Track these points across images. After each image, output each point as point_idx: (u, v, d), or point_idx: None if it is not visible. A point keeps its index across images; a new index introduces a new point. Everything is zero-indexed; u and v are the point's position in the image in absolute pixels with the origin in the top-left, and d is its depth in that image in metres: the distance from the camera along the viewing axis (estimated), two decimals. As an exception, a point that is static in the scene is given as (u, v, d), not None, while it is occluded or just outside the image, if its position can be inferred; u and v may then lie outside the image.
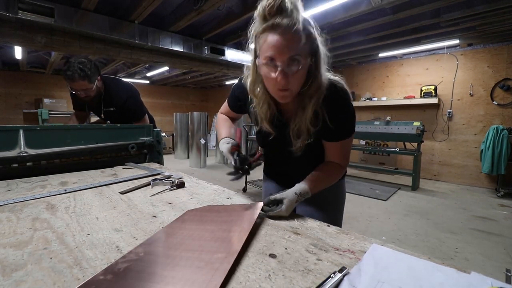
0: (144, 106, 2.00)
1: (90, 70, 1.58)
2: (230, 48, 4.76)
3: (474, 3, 3.04)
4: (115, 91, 1.80)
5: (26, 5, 2.79)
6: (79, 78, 1.55)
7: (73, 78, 1.54)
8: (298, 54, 0.68)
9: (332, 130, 0.81)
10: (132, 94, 1.87)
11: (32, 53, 5.54)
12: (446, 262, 0.51)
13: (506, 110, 4.41)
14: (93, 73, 1.60)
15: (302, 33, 0.68)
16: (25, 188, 1.03)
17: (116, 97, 1.80)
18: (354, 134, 0.88)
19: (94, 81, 1.63)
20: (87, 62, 1.59)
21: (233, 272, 0.49)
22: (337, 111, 0.80)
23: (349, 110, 0.82)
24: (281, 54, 0.67)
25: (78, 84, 1.58)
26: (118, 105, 1.81)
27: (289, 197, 0.77)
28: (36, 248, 0.57)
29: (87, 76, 1.57)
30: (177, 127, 7.48)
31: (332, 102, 0.78)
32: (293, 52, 0.67)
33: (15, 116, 6.84)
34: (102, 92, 1.77)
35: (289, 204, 0.76)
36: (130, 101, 1.84)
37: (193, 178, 1.24)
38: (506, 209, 3.52)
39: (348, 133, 0.85)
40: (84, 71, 1.55)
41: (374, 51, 5.05)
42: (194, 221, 0.72)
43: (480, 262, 2.18)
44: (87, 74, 1.57)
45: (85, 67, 1.56)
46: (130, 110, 1.85)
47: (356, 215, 3.19)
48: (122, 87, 1.86)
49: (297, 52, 0.68)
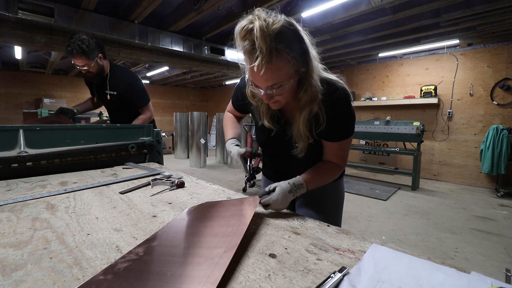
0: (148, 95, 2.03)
1: (89, 47, 1.64)
2: (230, 48, 4.76)
3: (474, 3, 3.04)
4: (120, 74, 1.86)
5: (26, 5, 2.79)
6: (77, 53, 1.62)
7: (72, 53, 1.63)
8: (277, 82, 0.69)
9: (331, 130, 0.81)
10: (136, 79, 1.93)
11: (32, 53, 5.54)
12: (446, 262, 0.51)
13: (506, 110, 4.41)
14: (92, 50, 1.66)
15: (280, 61, 0.65)
16: (25, 188, 1.03)
17: (120, 79, 1.85)
18: (353, 135, 0.88)
19: (93, 57, 1.69)
20: (87, 38, 1.65)
21: (233, 271, 0.49)
22: (337, 111, 0.80)
23: (349, 111, 0.82)
24: (260, 83, 0.70)
25: (77, 60, 1.66)
26: (122, 88, 1.85)
27: (281, 185, 0.78)
28: (36, 248, 0.57)
29: (85, 52, 1.64)
30: (177, 127, 7.48)
31: (332, 102, 0.78)
32: (271, 82, 0.69)
33: (15, 116, 6.84)
34: (107, 73, 1.83)
35: (280, 192, 0.76)
36: (134, 85, 1.89)
37: (193, 178, 1.24)
38: (506, 209, 3.52)
39: (347, 133, 0.85)
40: (82, 48, 1.62)
41: (374, 51, 5.05)
42: (193, 218, 0.72)
43: (480, 262, 2.18)
44: (85, 51, 1.63)
45: (84, 44, 1.62)
46: (134, 93, 1.89)
47: (356, 215, 3.19)
48: (126, 72, 1.93)
49: (276, 81, 0.69)
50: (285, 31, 0.65)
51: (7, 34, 3.25)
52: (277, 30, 0.63)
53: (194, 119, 6.44)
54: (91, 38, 1.67)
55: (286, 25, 0.65)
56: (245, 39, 0.65)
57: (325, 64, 0.81)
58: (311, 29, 3.58)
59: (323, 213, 0.99)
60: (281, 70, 0.67)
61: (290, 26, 0.67)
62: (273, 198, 0.75)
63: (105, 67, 1.81)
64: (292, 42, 0.67)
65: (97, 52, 1.72)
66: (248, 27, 0.64)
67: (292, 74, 0.70)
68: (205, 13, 3.26)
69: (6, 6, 2.77)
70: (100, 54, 1.74)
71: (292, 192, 0.78)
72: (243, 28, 0.64)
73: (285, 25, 0.65)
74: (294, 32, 0.68)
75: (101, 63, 1.77)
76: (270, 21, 0.63)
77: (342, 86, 0.80)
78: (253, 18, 0.64)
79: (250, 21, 0.64)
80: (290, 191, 0.77)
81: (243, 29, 0.64)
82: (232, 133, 1.04)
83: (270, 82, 0.69)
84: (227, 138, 1.03)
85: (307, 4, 3.15)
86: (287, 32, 0.66)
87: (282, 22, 0.64)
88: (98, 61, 1.73)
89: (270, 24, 0.63)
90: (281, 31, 0.64)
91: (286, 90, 0.72)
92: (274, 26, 0.63)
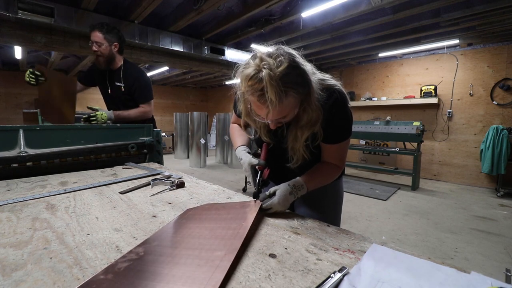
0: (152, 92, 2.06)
1: (108, 29, 1.81)
2: (230, 48, 4.76)
3: (474, 3, 3.04)
4: (131, 69, 1.94)
5: (26, 4, 2.79)
6: (96, 28, 1.78)
7: (93, 27, 1.79)
8: (284, 116, 0.72)
9: (329, 134, 0.82)
10: (144, 75, 1.99)
11: (32, 53, 5.53)
12: (446, 262, 0.51)
13: (506, 110, 4.41)
14: (110, 32, 1.81)
15: (287, 100, 0.67)
16: (25, 188, 1.03)
17: (129, 74, 1.91)
18: (351, 137, 0.88)
19: (109, 40, 1.81)
20: (113, 27, 1.84)
21: (233, 271, 0.49)
22: (334, 115, 0.80)
23: (346, 113, 0.82)
24: (267, 118, 0.72)
25: (94, 34, 1.78)
26: (130, 81, 1.90)
27: (281, 188, 0.78)
28: (36, 248, 0.57)
29: (104, 31, 1.79)
30: (177, 127, 7.48)
31: (329, 106, 0.78)
32: (278, 116, 0.72)
33: (15, 116, 6.83)
34: (121, 66, 1.91)
35: (281, 194, 0.76)
36: (141, 80, 1.93)
37: (193, 178, 1.24)
38: (506, 209, 3.52)
39: (345, 135, 0.85)
40: (103, 26, 1.80)
41: (374, 51, 5.05)
42: (193, 220, 0.72)
43: (480, 262, 2.18)
44: (104, 30, 1.79)
45: (108, 26, 1.82)
46: (139, 87, 1.92)
47: (356, 215, 3.19)
48: (137, 68, 2.01)
49: (283, 115, 0.72)
50: (289, 72, 0.66)
51: (7, 34, 3.25)
52: (283, 73, 0.65)
53: (194, 119, 6.44)
54: (115, 28, 1.85)
55: (290, 63, 0.66)
56: (252, 86, 0.67)
57: (325, 64, 0.81)
58: (311, 29, 3.56)
59: (322, 213, 0.99)
60: (288, 107, 0.70)
61: (293, 63, 0.67)
62: (274, 202, 0.76)
63: (117, 60, 1.89)
64: (296, 79, 0.68)
65: (115, 40, 1.83)
66: (256, 76, 0.65)
67: (297, 105, 0.73)
68: (205, 13, 3.26)
69: (6, 6, 2.76)
70: (116, 43, 1.84)
71: (293, 194, 0.78)
72: (251, 77, 0.66)
73: (290, 65, 0.66)
74: (297, 69, 0.68)
75: (114, 51, 1.85)
76: (275, 66, 0.64)
77: (338, 89, 0.80)
78: (260, 66, 0.65)
79: (257, 69, 0.65)
80: (291, 193, 0.77)
81: (250, 77, 0.66)
82: (241, 140, 1.01)
83: (277, 116, 0.71)
84: (236, 145, 1.00)
85: (307, 4, 3.14)
86: (291, 72, 0.67)
87: (286, 63, 0.65)
88: (112, 48, 1.83)
89: (275, 69, 0.64)
90: (287, 73, 0.65)
91: (293, 116, 0.75)
92: (279, 69, 0.64)
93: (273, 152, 0.93)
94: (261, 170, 0.85)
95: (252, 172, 0.86)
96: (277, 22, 3.61)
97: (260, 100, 0.67)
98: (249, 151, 0.94)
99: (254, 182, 0.85)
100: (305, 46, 4.89)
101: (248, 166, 0.86)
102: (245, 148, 0.96)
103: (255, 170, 0.86)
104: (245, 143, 1.00)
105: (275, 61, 0.65)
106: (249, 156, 0.89)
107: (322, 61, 6.07)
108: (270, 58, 0.65)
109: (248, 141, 1.03)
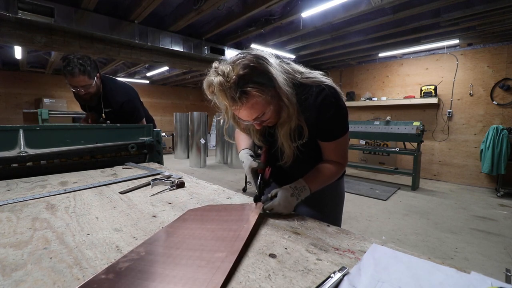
0: (142, 109, 1.97)
1: (90, 66, 1.57)
2: (230, 48, 4.76)
3: (474, 3, 3.04)
4: (112, 94, 1.77)
5: (26, 4, 2.79)
6: (79, 73, 1.53)
7: (74, 73, 1.51)
8: (259, 114, 0.75)
9: (324, 131, 0.82)
10: (129, 97, 1.84)
11: (32, 53, 5.53)
12: (446, 262, 0.51)
13: (506, 110, 4.41)
14: (93, 69, 1.59)
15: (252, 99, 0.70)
16: (25, 188, 1.03)
17: (112, 99, 1.77)
18: (349, 132, 0.87)
19: (93, 77, 1.61)
20: (87, 58, 1.58)
21: (233, 271, 0.49)
22: (326, 111, 0.79)
23: (338, 108, 0.80)
24: (245, 119, 0.77)
25: (79, 80, 1.55)
26: (115, 107, 1.79)
27: (282, 190, 0.78)
28: (36, 248, 0.57)
29: (87, 72, 1.55)
30: (177, 127, 7.48)
31: (318, 104, 0.78)
32: (254, 116, 0.75)
33: (15, 116, 6.83)
34: (101, 92, 1.75)
35: (283, 196, 0.76)
36: (127, 105, 1.81)
37: (193, 178, 1.24)
38: (506, 209, 3.52)
39: (342, 131, 0.83)
40: (84, 66, 1.54)
41: (374, 51, 5.05)
42: (194, 221, 0.72)
43: (480, 262, 2.18)
44: (87, 70, 1.55)
45: (85, 63, 1.55)
46: (127, 113, 1.82)
47: (356, 215, 3.19)
48: (119, 89, 1.83)
49: (257, 114, 0.75)
50: (248, 72, 0.69)
51: (7, 34, 3.25)
52: (238, 76, 0.68)
53: (194, 119, 6.43)
54: (89, 58, 1.60)
55: (248, 64, 0.69)
56: (213, 94, 0.73)
57: (325, 64, 0.81)
58: (311, 29, 3.56)
59: (322, 213, 0.99)
60: (257, 104, 0.72)
61: (255, 64, 0.70)
62: (275, 203, 0.76)
63: (99, 87, 1.73)
64: (257, 78, 0.70)
65: (96, 71, 1.64)
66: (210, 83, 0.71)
67: (270, 100, 0.75)
68: (205, 13, 3.26)
69: (6, 6, 2.76)
70: (98, 74, 1.66)
71: (295, 196, 0.78)
72: (209, 86, 0.72)
73: (248, 66, 0.69)
74: (257, 69, 0.71)
75: (99, 83, 1.69)
76: (230, 70, 0.68)
77: (328, 85, 0.79)
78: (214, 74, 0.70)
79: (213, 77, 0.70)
80: (292, 195, 0.77)
81: (208, 86, 0.72)
82: (245, 143, 1.01)
83: (253, 116, 0.75)
84: (240, 148, 1.01)
85: (307, 4, 3.14)
86: (251, 73, 0.69)
87: (242, 65, 0.69)
88: (97, 81, 1.65)
89: (230, 72, 0.68)
90: (243, 74, 0.68)
91: (271, 114, 0.78)
92: (232, 74, 0.68)
93: (273, 154, 0.93)
94: (262, 173, 0.86)
95: (253, 175, 0.87)
96: (277, 22, 3.62)
97: (231, 104, 0.71)
98: (252, 154, 0.94)
99: (255, 185, 0.86)
100: (305, 46, 4.90)
101: (248, 169, 0.87)
102: (247, 151, 0.96)
103: (256, 173, 0.87)
104: (248, 146, 1.00)
105: (232, 66, 0.69)
106: (250, 159, 0.89)
107: (322, 61, 6.07)
108: (227, 65, 0.70)
109: (252, 144, 1.03)
